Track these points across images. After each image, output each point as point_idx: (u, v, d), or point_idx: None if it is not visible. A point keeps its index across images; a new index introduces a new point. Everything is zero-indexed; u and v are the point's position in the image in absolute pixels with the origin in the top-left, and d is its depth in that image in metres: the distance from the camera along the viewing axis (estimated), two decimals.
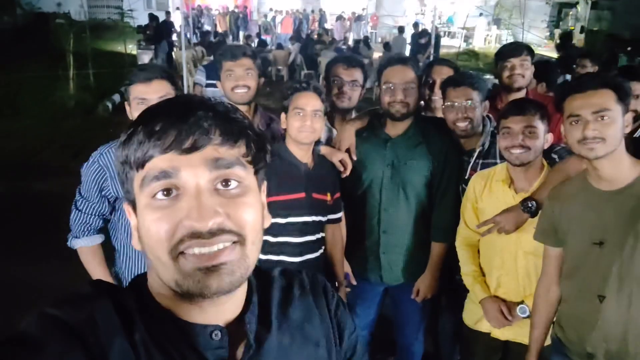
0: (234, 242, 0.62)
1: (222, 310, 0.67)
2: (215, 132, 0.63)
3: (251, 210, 0.65)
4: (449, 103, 2.12)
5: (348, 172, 2.16)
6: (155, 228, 0.61)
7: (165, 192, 0.62)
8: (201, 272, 0.60)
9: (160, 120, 0.62)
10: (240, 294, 0.70)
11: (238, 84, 2.20)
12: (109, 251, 2.01)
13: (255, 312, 0.71)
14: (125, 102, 1.88)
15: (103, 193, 1.87)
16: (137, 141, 0.63)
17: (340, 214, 2.17)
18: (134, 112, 1.82)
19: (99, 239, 1.95)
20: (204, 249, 0.60)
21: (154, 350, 0.62)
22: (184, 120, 0.62)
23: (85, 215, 1.90)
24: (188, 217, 0.60)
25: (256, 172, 0.68)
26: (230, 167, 0.63)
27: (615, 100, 1.46)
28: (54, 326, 0.59)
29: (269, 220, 0.72)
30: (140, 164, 0.62)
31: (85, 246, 1.92)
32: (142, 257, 1.92)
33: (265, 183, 0.72)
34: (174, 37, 12.91)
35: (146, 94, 1.77)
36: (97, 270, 1.92)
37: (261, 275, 0.77)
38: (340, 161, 2.14)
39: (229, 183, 0.63)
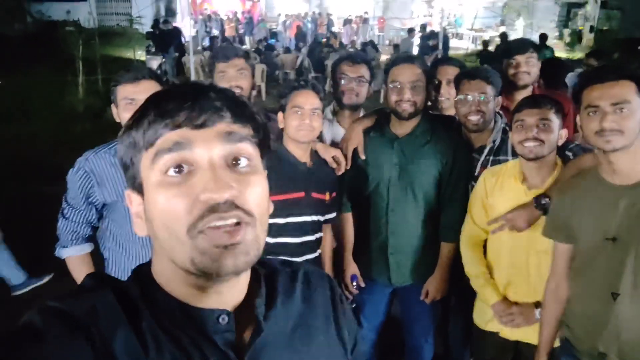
0: (246, 223, 0.62)
1: (227, 295, 0.67)
2: (227, 111, 0.64)
3: (260, 190, 0.66)
4: (462, 96, 2.09)
5: (342, 170, 2.14)
6: (171, 205, 0.61)
7: (177, 169, 0.62)
8: (218, 249, 0.60)
9: (172, 100, 0.63)
10: (244, 279, 0.71)
11: (231, 84, 2.18)
12: (97, 260, 1.96)
13: (263, 297, 0.72)
14: (112, 105, 1.84)
15: (90, 200, 1.82)
16: (147, 122, 0.63)
17: (335, 214, 2.16)
18: (121, 113, 1.79)
19: (87, 247, 1.90)
20: (220, 222, 0.60)
21: (162, 336, 0.63)
22: (196, 100, 0.63)
23: (73, 223, 1.84)
24: (205, 189, 0.60)
25: (262, 156, 0.69)
26: (242, 141, 0.65)
27: (635, 92, 1.43)
28: (55, 317, 0.59)
29: (271, 208, 0.72)
30: (151, 143, 0.63)
31: (74, 255, 1.87)
32: (131, 265, 1.86)
33: (266, 172, 0.72)
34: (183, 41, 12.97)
35: (135, 94, 1.75)
36: None
37: (265, 265, 0.78)
38: (334, 158, 2.12)
39: (239, 161, 0.64)
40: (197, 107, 0.63)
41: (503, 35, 12.01)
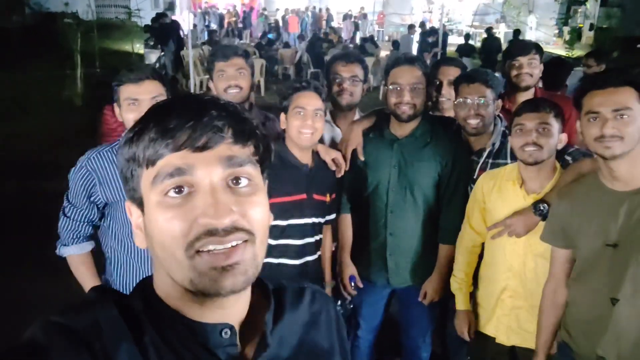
0: (245, 241, 0.62)
1: (230, 310, 0.68)
2: (228, 131, 0.64)
3: (261, 209, 0.66)
4: (461, 99, 2.08)
5: (342, 172, 2.14)
6: (169, 226, 0.61)
7: (176, 190, 0.62)
8: (216, 271, 0.61)
9: (174, 118, 0.62)
10: (247, 294, 0.71)
11: (230, 84, 2.19)
12: (98, 258, 1.96)
13: (272, 313, 0.72)
14: (115, 104, 1.83)
15: (92, 199, 1.82)
16: (148, 138, 0.62)
17: (334, 215, 2.17)
18: (124, 113, 1.78)
19: (88, 246, 1.90)
20: (219, 246, 0.61)
21: (165, 351, 0.63)
22: (198, 119, 0.62)
23: (74, 222, 1.84)
24: (204, 214, 0.60)
25: (262, 172, 0.69)
26: (243, 165, 0.64)
27: (636, 99, 1.43)
28: (58, 333, 0.59)
29: (271, 219, 0.73)
30: (152, 162, 0.63)
31: (75, 254, 1.87)
32: (133, 264, 1.89)
33: (267, 182, 0.73)
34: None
35: (138, 95, 1.74)
36: (87, 278, 1.87)
37: (272, 280, 0.79)
38: (334, 160, 2.12)
39: (240, 181, 0.64)
40: (198, 127, 0.62)
41: (488, 30, 12.47)
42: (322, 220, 2.06)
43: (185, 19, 11.84)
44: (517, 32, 12.15)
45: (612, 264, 1.50)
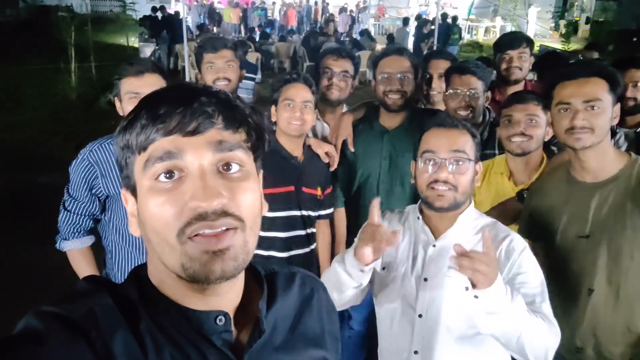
0: (235, 228, 0.63)
1: (225, 297, 0.68)
2: (219, 117, 0.64)
3: (252, 195, 0.66)
4: (452, 91, 2.10)
5: (335, 165, 2.15)
6: (161, 211, 0.62)
7: (167, 175, 0.62)
8: (207, 255, 0.61)
9: (164, 104, 0.63)
10: (241, 281, 0.72)
11: (219, 76, 2.19)
12: (98, 252, 1.95)
13: (265, 300, 0.73)
14: (115, 97, 1.82)
15: (93, 192, 1.80)
16: (140, 125, 0.63)
17: (331, 210, 2.16)
18: (125, 106, 1.77)
19: (89, 240, 1.89)
20: (208, 230, 0.61)
21: (161, 338, 0.63)
22: (188, 104, 0.63)
23: (75, 215, 1.82)
24: (193, 197, 0.61)
25: (255, 159, 0.69)
26: (233, 150, 0.64)
27: (606, 90, 1.44)
28: (54, 321, 0.59)
29: (266, 208, 0.73)
30: (143, 147, 0.63)
31: (75, 248, 1.86)
32: (135, 256, 1.88)
33: (261, 171, 0.73)
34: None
35: (139, 88, 1.73)
36: (87, 272, 1.84)
37: (264, 265, 0.80)
38: (327, 153, 2.12)
39: (230, 167, 0.64)
40: (188, 112, 0.63)
41: (444, 15, 13.42)
42: (312, 214, 2.05)
43: (180, 11, 11.76)
44: (454, 18, 13.04)
45: (586, 255, 1.52)
